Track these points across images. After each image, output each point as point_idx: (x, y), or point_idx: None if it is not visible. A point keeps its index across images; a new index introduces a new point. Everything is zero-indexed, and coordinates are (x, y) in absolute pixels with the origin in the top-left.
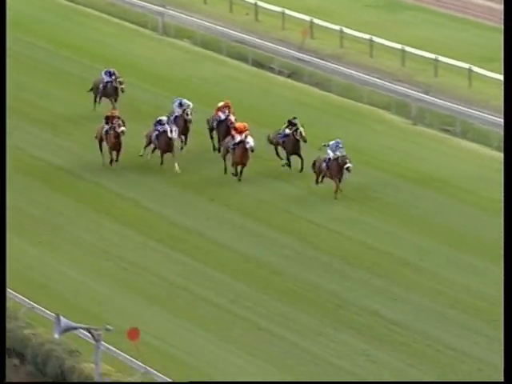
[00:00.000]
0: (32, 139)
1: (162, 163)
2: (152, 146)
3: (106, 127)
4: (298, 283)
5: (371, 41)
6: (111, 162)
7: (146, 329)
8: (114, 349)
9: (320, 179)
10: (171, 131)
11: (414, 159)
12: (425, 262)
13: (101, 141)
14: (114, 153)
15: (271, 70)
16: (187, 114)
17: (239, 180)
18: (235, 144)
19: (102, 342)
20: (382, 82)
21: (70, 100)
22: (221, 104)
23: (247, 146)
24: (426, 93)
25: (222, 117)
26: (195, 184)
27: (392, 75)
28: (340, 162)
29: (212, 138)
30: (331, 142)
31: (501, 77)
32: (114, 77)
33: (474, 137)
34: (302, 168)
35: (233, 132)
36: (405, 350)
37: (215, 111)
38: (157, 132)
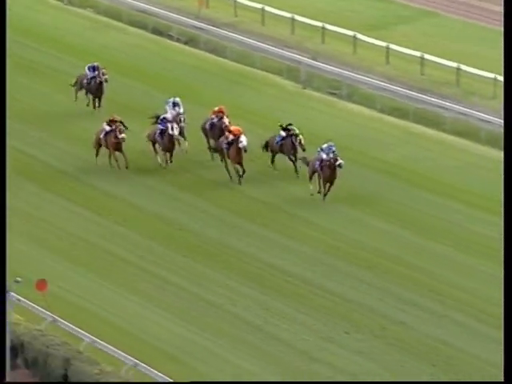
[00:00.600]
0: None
1: (168, 161)
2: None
3: (107, 130)
4: (201, 239)
5: (263, 10)
6: (115, 161)
7: (55, 281)
8: (24, 299)
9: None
10: (172, 128)
11: (303, 120)
12: (320, 218)
13: (99, 144)
14: (117, 154)
15: (170, 37)
16: (180, 121)
17: (240, 179)
18: (228, 143)
19: (12, 293)
20: (274, 48)
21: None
22: (216, 109)
23: (240, 145)
24: (314, 59)
25: (215, 120)
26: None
27: (283, 42)
28: (332, 161)
29: (208, 139)
30: (324, 146)
31: (384, 44)
32: (97, 72)
33: (358, 100)
34: (296, 170)
35: (226, 133)
36: (301, 300)
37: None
38: (159, 130)
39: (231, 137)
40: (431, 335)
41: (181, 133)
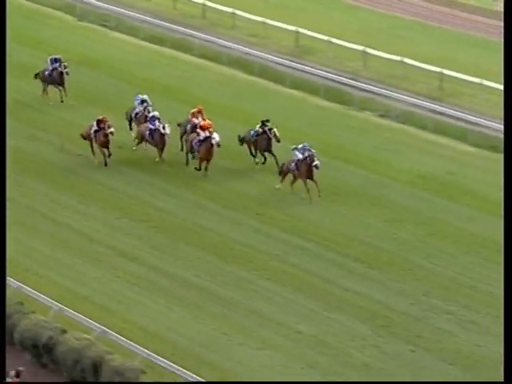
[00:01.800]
0: None
1: (160, 157)
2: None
3: (96, 128)
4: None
5: None
6: (105, 157)
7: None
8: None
9: (290, 179)
10: (164, 127)
11: (79, 47)
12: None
13: (89, 139)
14: (105, 150)
15: None
16: (149, 111)
17: (205, 175)
18: (200, 140)
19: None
20: None
21: None
22: (194, 110)
23: (213, 141)
24: None
25: (196, 121)
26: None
27: None
28: (308, 161)
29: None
30: (299, 146)
31: None
32: (58, 63)
33: (125, 30)
34: (277, 163)
35: (198, 129)
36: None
37: (190, 116)
38: (150, 129)
39: (203, 134)
40: (410, 313)
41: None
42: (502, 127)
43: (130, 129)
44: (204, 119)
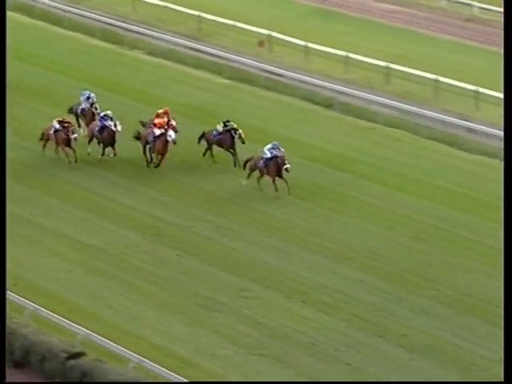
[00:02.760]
0: None
1: (103, 155)
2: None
3: (57, 127)
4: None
5: None
6: (65, 155)
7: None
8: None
9: (257, 177)
10: (115, 125)
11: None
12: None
13: (47, 140)
14: (68, 149)
15: None
16: (96, 108)
17: (156, 167)
18: (155, 137)
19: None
20: None
21: None
22: (160, 111)
23: (169, 138)
24: None
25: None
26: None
27: None
28: (279, 162)
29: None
30: (268, 146)
31: None
32: None
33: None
34: (235, 163)
35: (152, 127)
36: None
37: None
38: (100, 126)
39: (158, 131)
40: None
41: (93, 119)
42: (254, 62)
43: (79, 126)
44: (169, 119)
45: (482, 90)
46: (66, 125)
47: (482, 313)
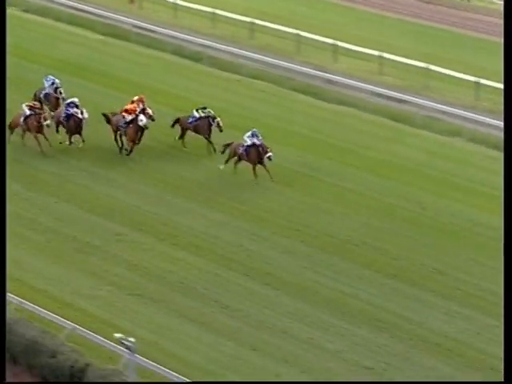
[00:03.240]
0: None
1: (70, 143)
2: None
3: (27, 113)
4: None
5: None
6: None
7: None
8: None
9: (234, 162)
10: (82, 113)
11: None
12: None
13: (16, 126)
14: (39, 136)
15: None
16: (60, 93)
17: (128, 155)
18: (127, 123)
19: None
20: None
21: None
22: (135, 98)
23: (140, 123)
24: None
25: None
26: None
27: None
28: (261, 150)
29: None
30: (248, 133)
31: None
32: None
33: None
34: (214, 149)
35: (123, 113)
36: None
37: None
38: (66, 113)
39: (129, 117)
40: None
41: (58, 103)
42: (126, 19)
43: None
44: (144, 108)
45: (339, 43)
46: (37, 111)
47: (339, 251)
